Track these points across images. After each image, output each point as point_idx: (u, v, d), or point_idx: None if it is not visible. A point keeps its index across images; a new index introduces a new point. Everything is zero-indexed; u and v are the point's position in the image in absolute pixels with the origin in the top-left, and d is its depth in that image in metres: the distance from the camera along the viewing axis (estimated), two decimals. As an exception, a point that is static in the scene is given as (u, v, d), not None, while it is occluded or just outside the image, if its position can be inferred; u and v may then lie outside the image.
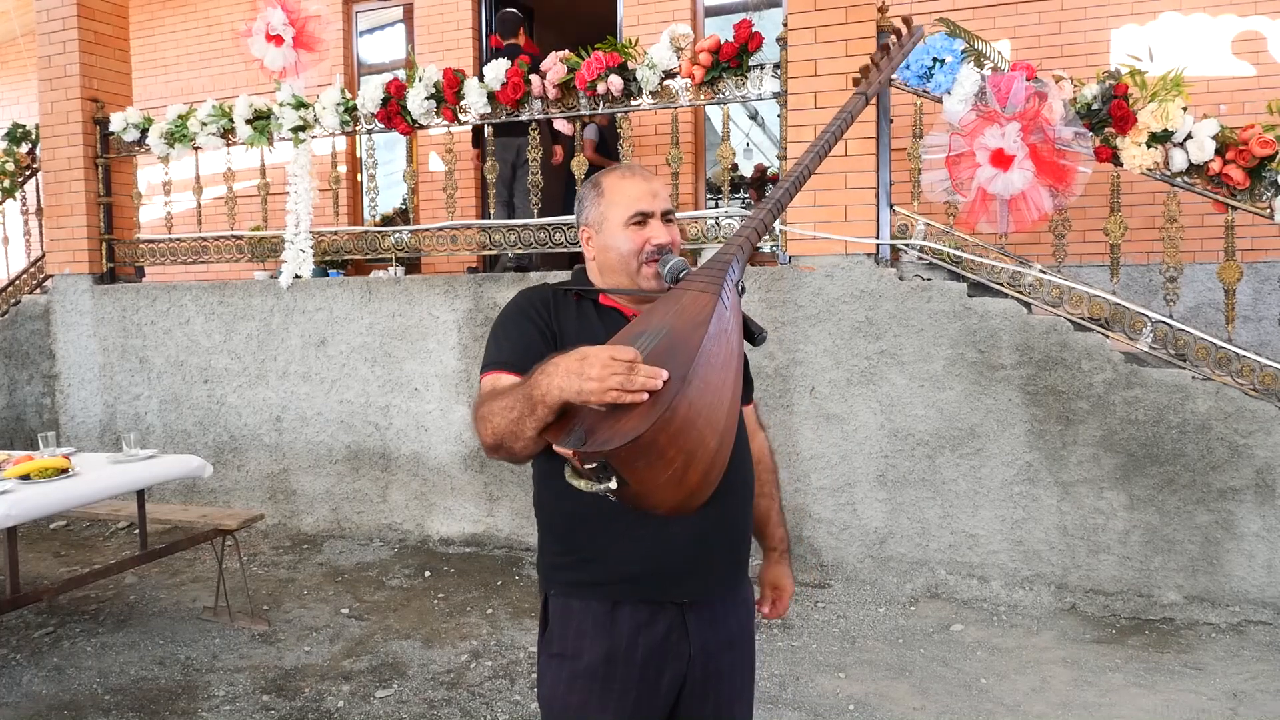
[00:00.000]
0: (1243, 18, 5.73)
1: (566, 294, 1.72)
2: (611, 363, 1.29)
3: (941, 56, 4.28)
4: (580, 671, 1.60)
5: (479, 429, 1.50)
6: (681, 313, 1.45)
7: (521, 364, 1.54)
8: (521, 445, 1.44)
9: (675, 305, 1.48)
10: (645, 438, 1.28)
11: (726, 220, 4.77)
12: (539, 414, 1.37)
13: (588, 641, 1.60)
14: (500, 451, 1.49)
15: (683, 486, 1.36)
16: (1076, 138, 4.00)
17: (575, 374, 1.31)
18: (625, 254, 1.67)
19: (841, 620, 4.06)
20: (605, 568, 1.60)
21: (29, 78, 9.15)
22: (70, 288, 6.43)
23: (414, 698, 3.43)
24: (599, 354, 1.30)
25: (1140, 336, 4.15)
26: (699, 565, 1.62)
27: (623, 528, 1.57)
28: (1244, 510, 3.93)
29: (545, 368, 1.37)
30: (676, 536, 1.58)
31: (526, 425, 1.40)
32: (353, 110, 5.55)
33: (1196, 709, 3.20)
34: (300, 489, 5.74)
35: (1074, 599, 4.14)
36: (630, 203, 1.68)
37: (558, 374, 1.34)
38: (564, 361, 1.34)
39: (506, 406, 1.43)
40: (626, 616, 1.59)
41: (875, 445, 4.46)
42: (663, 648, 1.60)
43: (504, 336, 1.66)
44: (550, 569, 1.69)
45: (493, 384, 1.57)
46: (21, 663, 3.80)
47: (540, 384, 1.36)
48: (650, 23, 6.95)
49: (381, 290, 5.49)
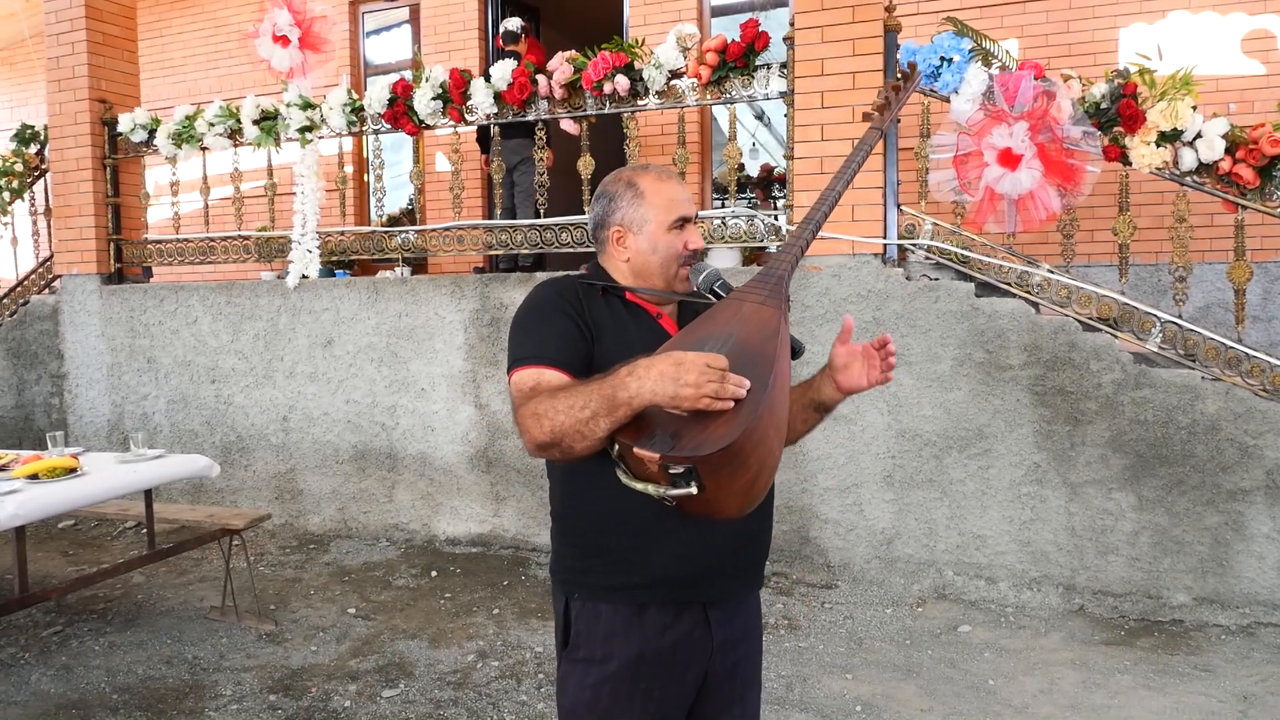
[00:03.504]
0: (1252, 16, 5.70)
1: (592, 288, 1.69)
2: (708, 370, 1.31)
3: (949, 55, 4.27)
4: (610, 675, 1.60)
5: (528, 425, 1.46)
6: (745, 322, 1.48)
7: (566, 360, 1.53)
8: (584, 445, 1.41)
9: (735, 314, 1.50)
10: (736, 445, 1.30)
11: (733, 220, 4.76)
12: (619, 415, 1.36)
13: (618, 644, 1.60)
14: (552, 450, 1.45)
15: (749, 494, 1.39)
16: (1085, 137, 3.98)
17: (671, 379, 1.32)
18: (667, 258, 1.69)
19: (848, 621, 4.05)
20: (636, 571, 1.60)
21: (38, 79, 9.19)
22: (78, 288, 6.45)
23: (420, 698, 3.44)
24: (695, 360, 1.32)
25: (1149, 337, 4.13)
26: (727, 566, 1.65)
27: (655, 531, 1.58)
28: (1254, 511, 3.91)
29: (634, 369, 1.36)
30: (708, 539, 1.60)
31: (600, 425, 1.38)
32: (359, 111, 5.56)
33: (1206, 711, 3.18)
34: (307, 489, 5.75)
35: (1082, 600, 4.12)
36: (673, 207, 1.70)
37: (650, 377, 1.34)
38: (657, 364, 1.35)
39: (576, 405, 1.40)
40: (654, 617, 1.61)
41: (882, 446, 4.45)
42: (688, 645, 1.63)
43: (540, 330, 1.61)
44: (573, 573, 1.67)
45: (536, 379, 1.53)
46: (30, 662, 3.82)
47: (629, 385, 1.35)
48: (656, 23, 6.95)
49: (388, 290, 5.50)
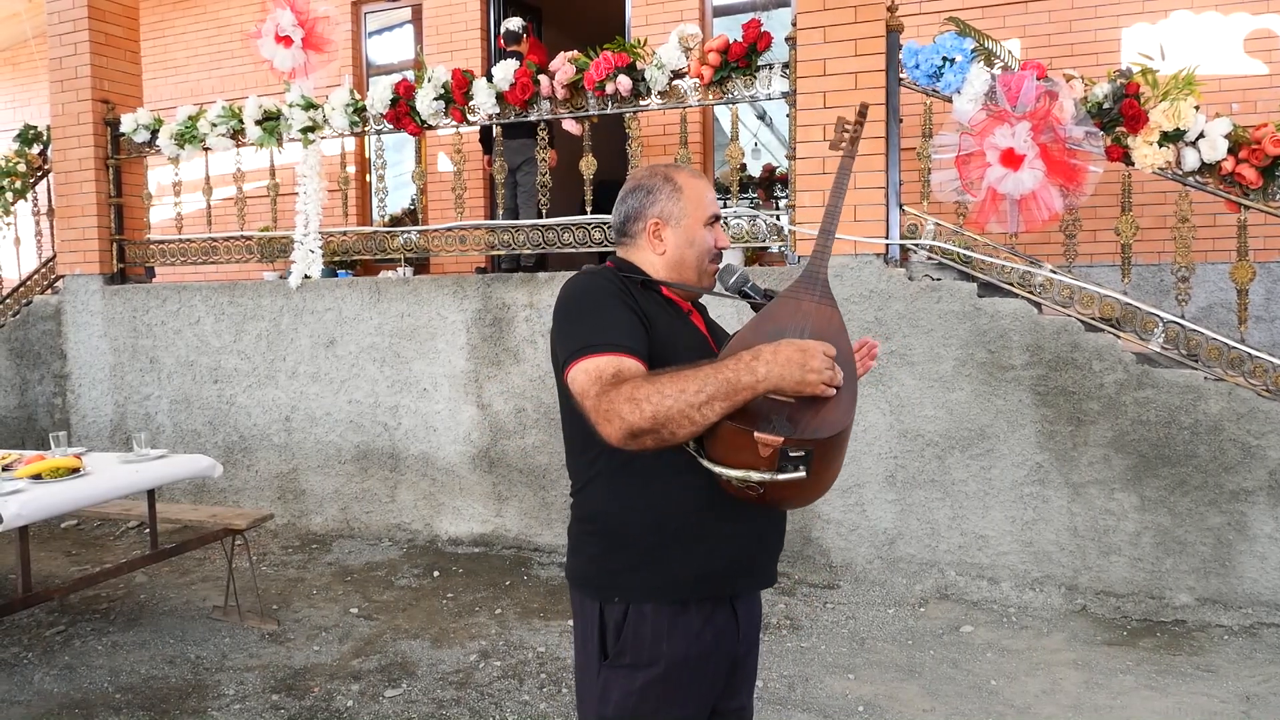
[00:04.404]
0: (1255, 16, 5.69)
1: (632, 281, 1.71)
2: (825, 357, 1.40)
3: (951, 55, 4.26)
4: (658, 677, 1.62)
5: (621, 410, 1.44)
6: (812, 318, 1.58)
7: (640, 349, 1.56)
8: (688, 431, 1.43)
9: (796, 311, 1.60)
10: (848, 430, 1.44)
11: (735, 220, 4.76)
12: (739, 399, 1.41)
13: (665, 646, 1.62)
14: (645, 437, 1.44)
15: (832, 480, 1.52)
16: (1087, 137, 3.97)
17: (798, 365, 1.40)
18: (702, 252, 1.77)
19: (851, 621, 4.05)
20: (680, 569, 1.63)
21: (40, 79, 9.21)
22: (81, 288, 6.46)
23: (423, 697, 3.44)
24: (815, 347, 1.42)
25: (1152, 337, 4.13)
26: (757, 561, 1.72)
27: (694, 529, 1.62)
28: (1257, 512, 3.90)
29: (759, 355, 1.42)
30: (741, 535, 1.66)
31: (714, 410, 1.41)
32: (361, 111, 5.56)
33: (1209, 712, 3.18)
34: (309, 489, 5.76)
35: (1085, 600, 4.12)
36: (709, 204, 1.78)
37: (777, 362, 1.40)
38: (783, 350, 1.42)
39: (689, 389, 1.41)
40: (695, 615, 1.64)
41: (885, 446, 4.45)
42: (723, 639, 1.68)
43: (606, 319, 1.60)
44: (612, 575, 1.66)
45: (618, 366, 1.51)
46: (33, 661, 3.82)
47: (756, 370, 1.41)
48: (658, 23, 6.95)
49: (390, 291, 5.50)
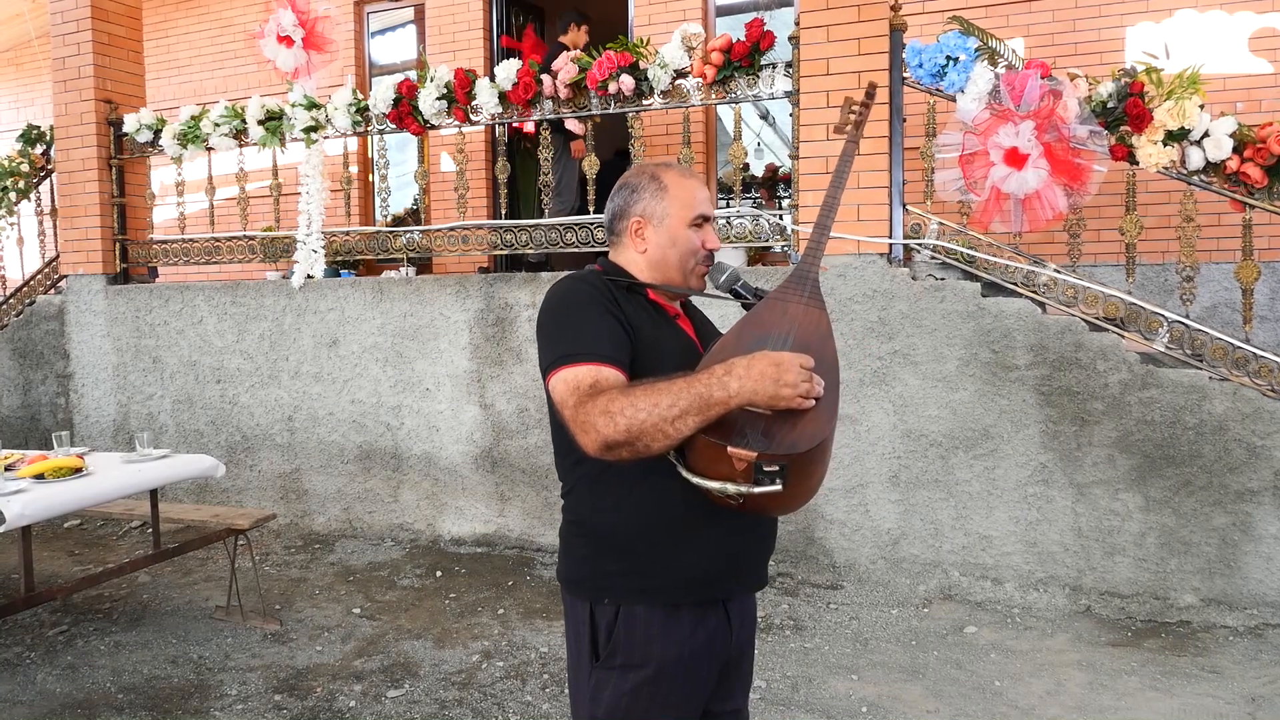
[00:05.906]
0: (1260, 15, 5.67)
1: (618, 285, 1.68)
2: (801, 370, 1.35)
3: (955, 55, 4.25)
4: (649, 678, 1.61)
5: (595, 422, 1.42)
6: (797, 323, 1.52)
7: (621, 358, 1.53)
8: (663, 444, 1.41)
9: (783, 314, 1.54)
10: (827, 441, 1.37)
11: (738, 220, 4.75)
12: (712, 414, 1.38)
13: (657, 647, 1.61)
14: (621, 449, 1.42)
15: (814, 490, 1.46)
16: (1091, 136, 3.96)
17: (772, 379, 1.35)
18: (685, 253, 1.72)
19: (854, 622, 4.04)
20: (668, 572, 1.62)
21: (43, 79, 9.22)
22: (84, 288, 6.47)
23: (425, 698, 3.43)
24: (790, 360, 1.36)
25: (1156, 337, 4.11)
26: (748, 564, 1.71)
27: (681, 533, 1.61)
28: (1262, 512, 3.89)
29: (732, 368, 1.38)
30: (728, 539, 1.64)
31: (687, 424, 1.38)
32: (364, 111, 5.56)
33: (1214, 713, 3.17)
34: (312, 489, 5.76)
35: (1089, 601, 4.10)
36: (695, 204, 1.73)
37: (750, 377, 1.36)
38: (757, 364, 1.37)
39: (661, 403, 1.39)
40: (687, 618, 1.63)
41: (888, 446, 4.44)
42: (714, 641, 1.67)
43: (588, 327, 1.57)
44: (604, 578, 1.65)
45: (595, 376, 1.49)
46: (36, 661, 3.83)
47: (729, 385, 1.36)
48: (661, 22, 6.94)
49: (393, 290, 5.50)
